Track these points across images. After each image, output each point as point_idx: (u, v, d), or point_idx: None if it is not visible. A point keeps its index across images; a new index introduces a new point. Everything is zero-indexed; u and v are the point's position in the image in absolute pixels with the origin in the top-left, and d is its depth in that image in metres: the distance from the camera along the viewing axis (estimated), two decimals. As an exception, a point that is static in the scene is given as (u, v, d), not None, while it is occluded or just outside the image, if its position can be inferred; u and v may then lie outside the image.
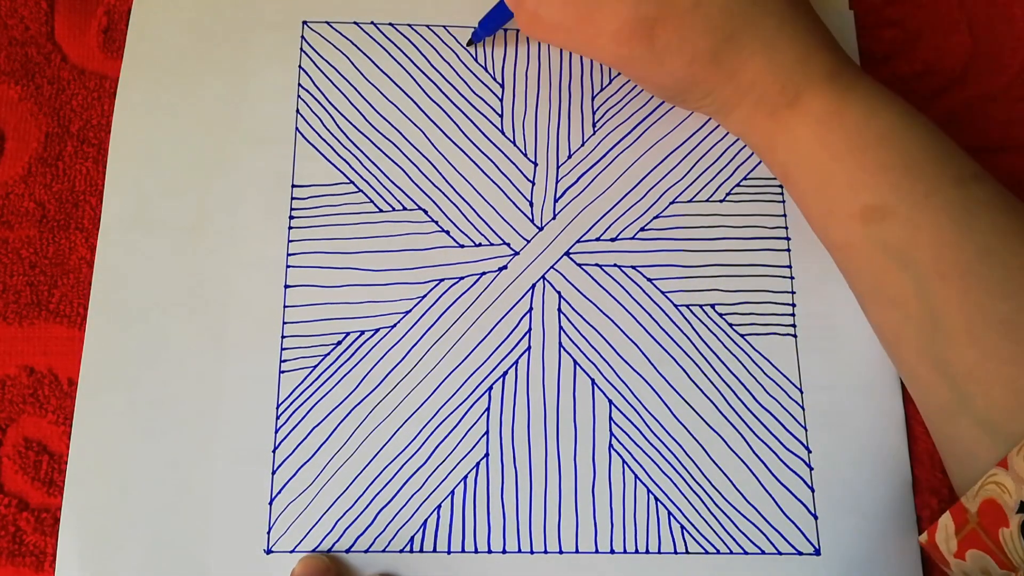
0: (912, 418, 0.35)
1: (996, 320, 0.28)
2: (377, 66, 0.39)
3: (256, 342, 0.35)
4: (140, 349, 0.35)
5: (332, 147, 0.37)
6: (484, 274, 0.36)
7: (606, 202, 0.37)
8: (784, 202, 0.37)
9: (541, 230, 0.37)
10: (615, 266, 0.36)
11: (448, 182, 0.37)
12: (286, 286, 0.36)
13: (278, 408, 0.34)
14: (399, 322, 0.35)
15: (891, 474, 0.34)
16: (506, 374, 0.35)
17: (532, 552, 0.33)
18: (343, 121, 0.38)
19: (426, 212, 0.37)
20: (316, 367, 0.35)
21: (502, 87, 0.39)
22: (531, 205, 0.37)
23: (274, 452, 0.34)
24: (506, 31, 0.39)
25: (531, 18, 0.33)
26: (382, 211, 0.37)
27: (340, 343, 0.35)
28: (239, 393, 0.34)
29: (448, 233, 0.37)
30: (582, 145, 0.38)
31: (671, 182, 0.38)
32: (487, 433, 0.34)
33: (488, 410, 0.35)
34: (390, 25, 0.39)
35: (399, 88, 0.38)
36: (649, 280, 0.36)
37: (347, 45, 0.39)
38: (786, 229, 0.37)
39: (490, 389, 0.35)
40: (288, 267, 0.36)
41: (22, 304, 0.35)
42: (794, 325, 0.36)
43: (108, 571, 0.32)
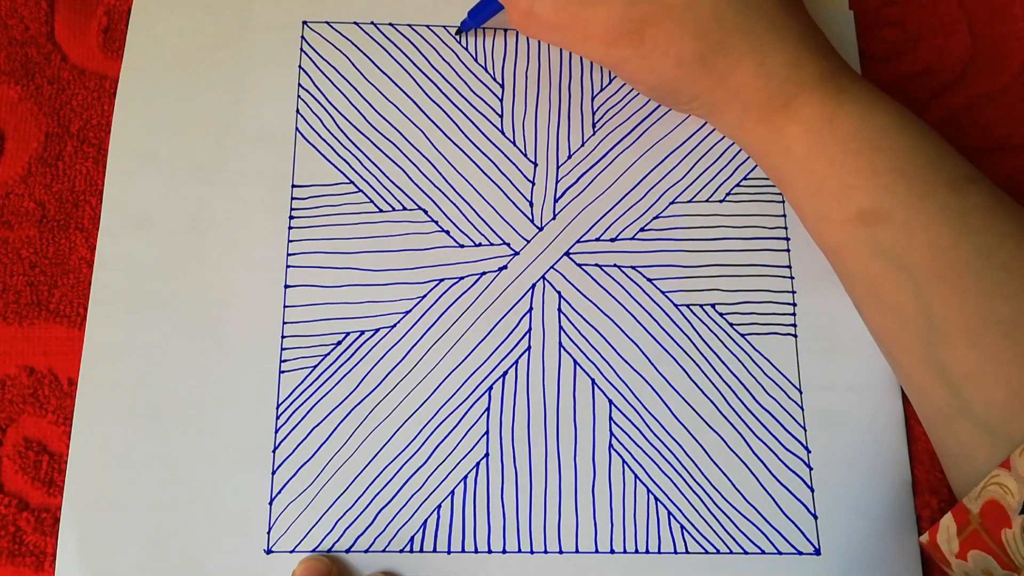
0: (912, 418, 0.35)
1: (995, 322, 0.28)
2: (377, 66, 0.39)
3: (256, 342, 0.35)
4: (140, 349, 0.35)
5: (332, 147, 0.37)
6: (484, 274, 0.36)
7: (606, 202, 0.37)
8: (784, 202, 0.37)
9: (541, 230, 0.37)
10: (615, 266, 0.36)
11: (448, 182, 0.37)
12: (286, 286, 0.36)
13: (278, 408, 0.34)
14: (399, 322, 0.35)
15: (891, 474, 0.34)
16: (506, 374, 0.35)
17: (532, 552, 0.33)
18: (343, 121, 0.38)
19: (426, 212, 0.37)
20: (316, 367, 0.35)
21: (502, 87, 0.39)
22: (531, 205, 0.37)
23: (274, 452, 0.34)
24: (506, 32, 0.39)
25: (523, 15, 0.33)
26: (382, 211, 0.37)
27: (340, 343, 0.35)
28: (239, 393, 0.34)
29: (448, 233, 0.37)
30: (582, 145, 0.38)
31: (671, 182, 0.38)
32: (487, 433, 0.34)
33: (488, 410, 0.35)
34: (390, 25, 0.39)
35: (399, 88, 0.38)
36: (649, 280, 0.36)
37: (347, 45, 0.39)
38: (786, 229, 0.37)
39: (490, 389, 0.35)
40: (288, 267, 0.36)
41: (22, 304, 0.35)
42: (794, 325, 0.36)
43: (108, 571, 0.32)
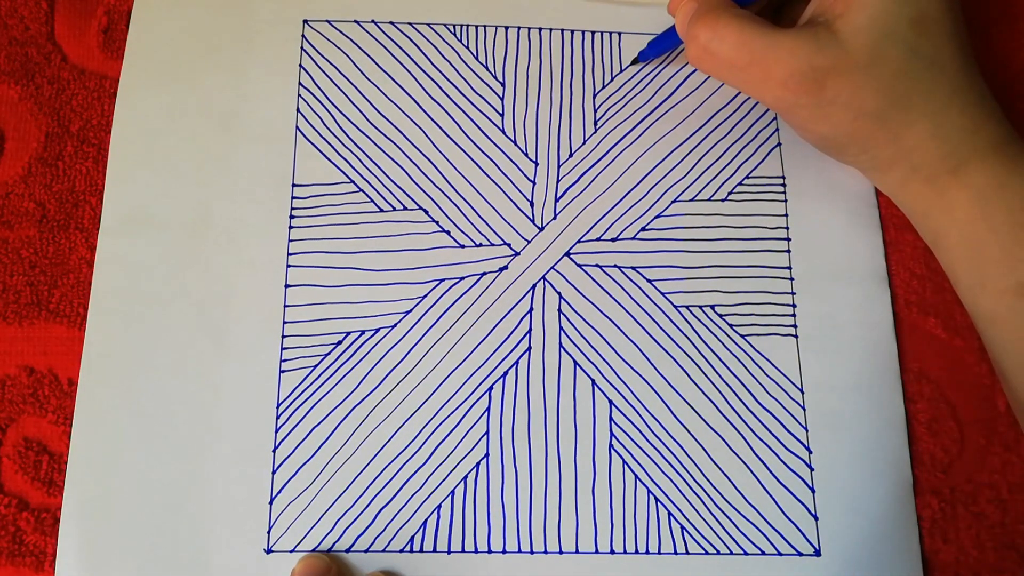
0: (912, 418, 0.35)
1: None
2: (378, 65, 0.39)
3: (256, 342, 0.35)
4: (140, 349, 0.35)
5: (333, 146, 0.37)
6: (484, 274, 0.36)
7: (607, 202, 0.37)
8: (786, 201, 0.37)
9: (542, 230, 0.37)
10: (615, 267, 0.36)
11: (449, 182, 0.37)
12: (286, 286, 0.36)
13: (278, 408, 0.34)
14: (399, 322, 0.35)
15: (891, 474, 0.34)
16: (506, 374, 0.35)
17: (532, 552, 0.33)
18: (344, 120, 0.38)
19: (426, 212, 0.37)
20: (316, 367, 0.35)
21: (503, 86, 0.39)
22: (532, 205, 0.37)
23: (274, 452, 0.34)
24: (507, 30, 0.39)
25: (702, 52, 0.33)
26: (382, 211, 0.37)
27: (340, 343, 0.35)
28: (239, 393, 0.34)
29: (448, 233, 0.36)
30: (583, 144, 0.38)
31: (672, 181, 0.37)
32: (487, 433, 0.34)
33: (488, 410, 0.35)
34: (391, 24, 0.39)
35: (400, 87, 0.38)
36: (649, 281, 0.36)
37: (348, 44, 0.39)
38: (787, 229, 0.37)
39: (490, 389, 0.35)
40: (288, 267, 0.36)
41: (22, 304, 0.35)
42: (795, 325, 0.36)
43: (108, 571, 0.32)
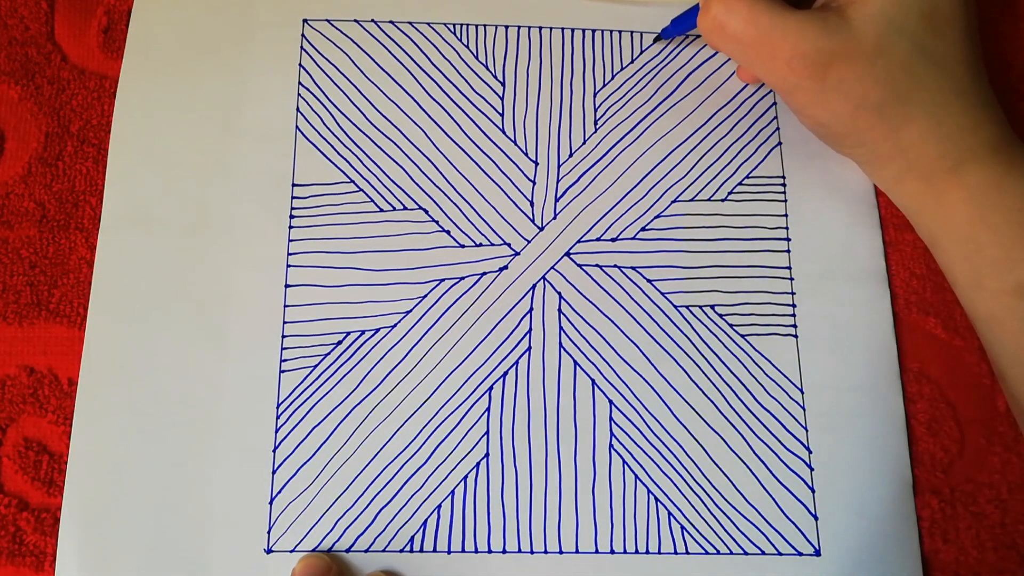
0: (912, 418, 0.35)
1: None
2: (378, 64, 0.38)
3: (256, 342, 0.35)
4: (140, 349, 0.35)
5: (332, 146, 0.37)
6: (485, 274, 0.36)
7: (607, 201, 0.37)
8: (786, 201, 0.37)
9: (542, 230, 0.37)
10: (615, 267, 0.36)
11: (449, 181, 0.37)
12: (286, 285, 0.36)
13: (278, 408, 0.34)
14: (399, 322, 0.35)
15: (891, 474, 0.34)
16: (506, 374, 0.35)
17: (532, 552, 0.33)
18: (344, 120, 0.38)
19: (426, 212, 0.37)
20: (316, 367, 0.35)
21: (503, 85, 0.38)
22: (532, 205, 0.37)
23: (274, 452, 0.34)
24: (507, 28, 0.39)
25: (713, 24, 0.33)
26: (382, 211, 0.37)
27: (340, 343, 0.35)
28: (239, 393, 0.34)
29: (448, 233, 0.36)
30: (583, 143, 0.38)
31: (672, 180, 0.37)
32: (487, 433, 0.34)
33: (488, 410, 0.35)
34: (391, 23, 0.39)
35: (400, 86, 0.38)
36: (649, 281, 0.36)
37: (347, 43, 0.39)
38: (787, 229, 0.37)
39: (490, 389, 0.35)
40: (288, 266, 0.36)
41: (22, 304, 0.35)
42: (795, 325, 0.36)
43: (108, 571, 0.32)
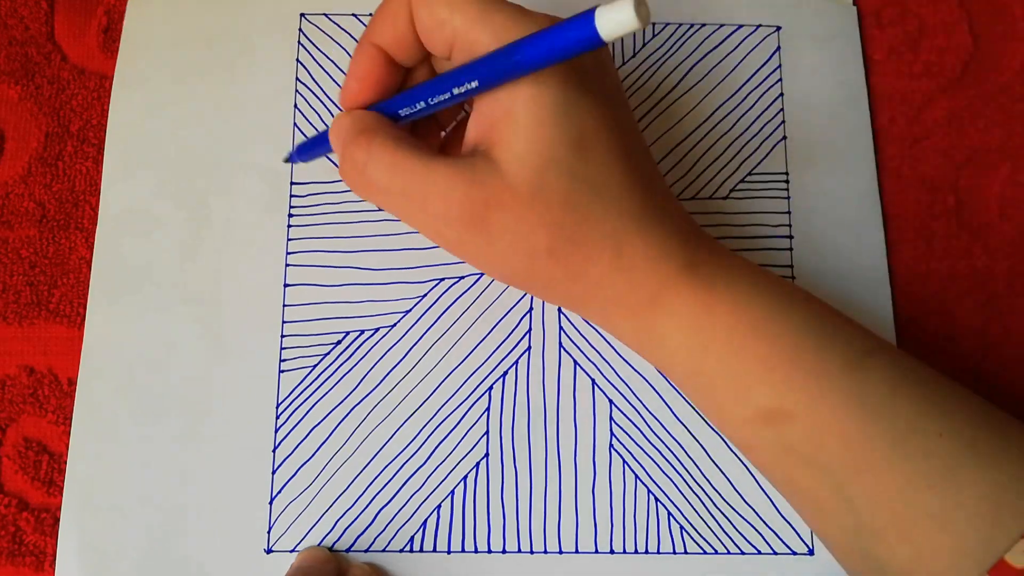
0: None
1: (924, 514, 0.25)
2: (377, 65, 0.38)
3: (256, 341, 0.35)
4: (140, 349, 0.35)
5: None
6: (484, 273, 0.36)
7: (606, 202, 0.37)
8: (788, 199, 0.37)
9: (541, 230, 0.37)
10: (615, 266, 0.36)
11: (448, 182, 0.37)
12: (285, 285, 0.36)
13: (278, 408, 0.34)
14: (399, 322, 0.35)
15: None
16: (506, 374, 0.35)
17: (532, 552, 0.33)
18: (343, 120, 0.38)
19: (426, 212, 0.37)
20: (316, 366, 0.35)
21: (502, 86, 0.38)
22: (531, 205, 0.37)
23: (274, 452, 0.34)
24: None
25: (353, 171, 0.27)
26: (382, 209, 0.37)
27: (340, 342, 0.35)
28: (239, 392, 0.34)
29: (448, 233, 0.36)
30: (582, 144, 0.38)
31: (674, 178, 0.37)
32: (487, 433, 0.34)
33: (488, 410, 0.35)
34: (390, 24, 0.39)
35: (399, 87, 0.38)
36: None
37: (345, 38, 0.39)
38: (789, 227, 0.37)
39: (490, 389, 0.35)
40: (287, 266, 0.36)
41: (22, 304, 0.35)
42: (794, 325, 0.36)
43: (108, 571, 0.32)
